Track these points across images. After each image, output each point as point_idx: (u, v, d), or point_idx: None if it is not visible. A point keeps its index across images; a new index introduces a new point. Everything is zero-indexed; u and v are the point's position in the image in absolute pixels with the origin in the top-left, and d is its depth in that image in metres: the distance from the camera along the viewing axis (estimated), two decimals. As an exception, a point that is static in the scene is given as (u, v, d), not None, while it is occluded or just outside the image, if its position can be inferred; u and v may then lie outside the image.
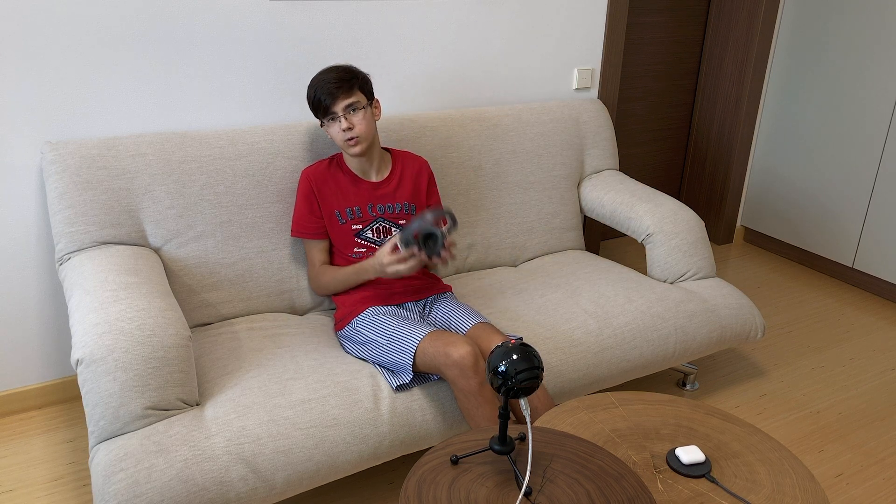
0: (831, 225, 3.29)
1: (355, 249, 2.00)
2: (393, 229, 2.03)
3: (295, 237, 2.09)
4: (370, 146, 1.96)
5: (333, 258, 2.06)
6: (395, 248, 1.82)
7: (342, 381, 1.75)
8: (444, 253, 1.79)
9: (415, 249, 1.79)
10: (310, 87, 1.91)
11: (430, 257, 1.79)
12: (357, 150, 1.91)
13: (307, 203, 2.01)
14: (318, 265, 2.05)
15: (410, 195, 2.06)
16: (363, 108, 1.91)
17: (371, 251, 2.00)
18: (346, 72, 1.89)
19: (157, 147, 2.00)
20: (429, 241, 1.78)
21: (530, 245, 2.57)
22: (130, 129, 2.13)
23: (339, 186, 2.01)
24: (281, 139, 2.14)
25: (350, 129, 1.88)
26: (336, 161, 2.03)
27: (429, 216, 1.74)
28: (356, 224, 2.00)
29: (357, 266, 1.94)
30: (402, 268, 1.80)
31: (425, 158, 2.27)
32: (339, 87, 1.86)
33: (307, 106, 2.35)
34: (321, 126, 1.96)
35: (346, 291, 2.02)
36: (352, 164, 2.02)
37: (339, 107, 1.88)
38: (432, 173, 2.14)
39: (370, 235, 2.01)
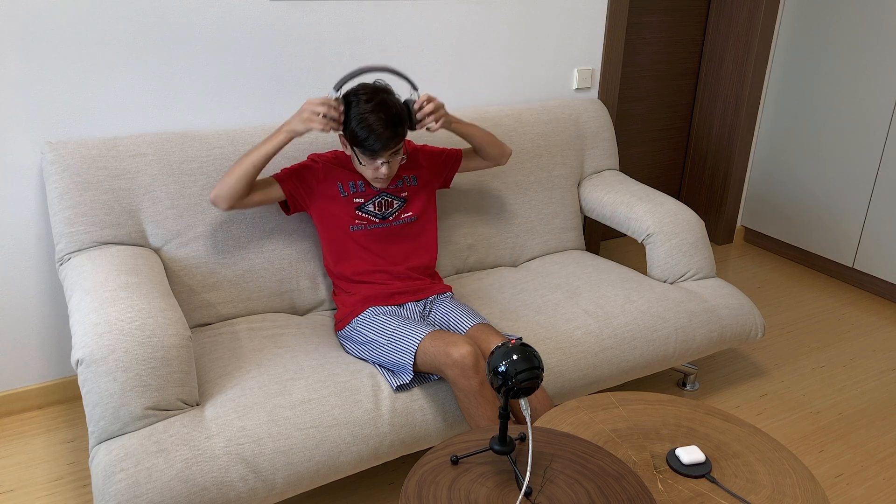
0: (831, 225, 3.29)
1: (356, 221, 2.00)
2: (395, 202, 2.02)
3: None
4: None
5: (328, 248, 2.03)
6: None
7: (342, 381, 1.75)
8: (427, 107, 1.89)
9: (341, 105, 1.83)
10: (358, 123, 1.82)
11: (414, 126, 1.89)
12: (384, 185, 1.94)
13: (301, 168, 1.99)
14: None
15: (410, 166, 2.08)
16: (402, 153, 1.93)
17: (370, 223, 2.00)
18: (399, 119, 1.85)
19: (157, 147, 2.00)
20: (410, 113, 1.89)
21: (530, 245, 2.57)
22: (130, 129, 2.13)
23: (343, 165, 2.01)
24: (281, 139, 2.13)
25: (388, 170, 1.89)
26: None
27: (368, 66, 1.83)
28: (358, 197, 2.00)
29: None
30: (320, 109, 1.79)
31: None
32: (391, 139, 1.84)
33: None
34: (349, 153, 1.93)
35: (341, 282, 2.00)
36: None
37: (386, 155, 1.87)
38: (424, 145, 2.15)
39: (371, 209, 2.01)
